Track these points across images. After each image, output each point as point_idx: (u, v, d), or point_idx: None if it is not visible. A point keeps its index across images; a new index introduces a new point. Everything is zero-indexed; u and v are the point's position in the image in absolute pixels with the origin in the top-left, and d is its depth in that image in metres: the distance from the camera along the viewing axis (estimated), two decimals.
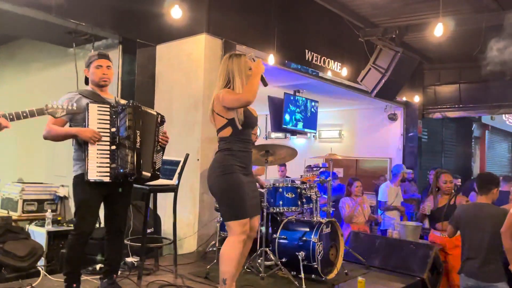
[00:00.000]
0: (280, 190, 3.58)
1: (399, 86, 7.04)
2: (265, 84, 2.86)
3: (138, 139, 2.75)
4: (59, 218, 5.22)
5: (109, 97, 2.93)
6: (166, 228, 4.55)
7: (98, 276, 3.09)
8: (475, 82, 8.35)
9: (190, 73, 4.79)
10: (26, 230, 4.52)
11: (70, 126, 2.83)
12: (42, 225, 4.78)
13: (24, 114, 2.14)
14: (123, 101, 2.91)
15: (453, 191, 4.36)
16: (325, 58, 6.36)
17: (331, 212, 3.97)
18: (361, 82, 6.73)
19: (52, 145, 5.97)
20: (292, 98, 7.53)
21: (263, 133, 10.78)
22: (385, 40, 6.54)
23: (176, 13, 4.23)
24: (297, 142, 10.28)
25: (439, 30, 4.86)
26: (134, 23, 4.86)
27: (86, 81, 2.97)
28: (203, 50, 4.68)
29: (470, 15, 6.03)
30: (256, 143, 4.43)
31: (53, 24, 4.55)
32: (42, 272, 3.22)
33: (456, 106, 8.69)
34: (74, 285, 2.75)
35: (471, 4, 5.80)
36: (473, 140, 11.53)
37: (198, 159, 4.62)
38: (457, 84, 8.55)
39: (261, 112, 10.18)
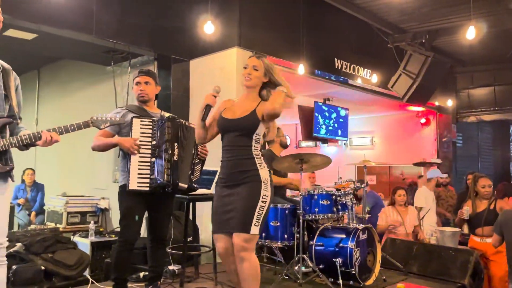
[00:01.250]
0: (316, 197, 3.62)
1: (431, 91, 6.96)
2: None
3: (176, 152, 2.87)
4: (101, 229, 5.43)
5: (155, 111, 3.08)
6: (203, 237, 4.67)
7: (143, 284, 3.23)
8: (511, 83, 8.15)
9: (222, 86, 4.87)
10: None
11: None
12: (86, 236, 4.98)
13: (72, 128, 2.27)
14: (168, 115, 3.05)
15: (492, 195, 4.28)
16: (355, 66, 6.39)
17: (366, 218, 3.97)
18: (391, 88, 6.71)
19: (92, 160, 6.30)
20: (322, 106, 7.57)
21: (293, 142, 10.83)
22: (414, 45, 6.52)
23: (209, 29, 4.40)
24: (328, 150, 10.27)
25: (471, 33, 4.82)
26: (169, 40, 5.06)
27: None
28: (235, 63, 4.82)
29: (502, 16, 5.94)
30: (286, 152, 4.53)
31: (92, 44, 4.82)
32: (91, 279, 3.39)
33: (492, 109, 8.49)
34: None
35: (502, 5, 5.72)
36: (511, 144, 11.18)
37: None
38: (492, 86, 8.37)
39: (291, 121, 10.32)
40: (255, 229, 2.38)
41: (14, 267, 3.28)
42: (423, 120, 8.66)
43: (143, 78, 3.04)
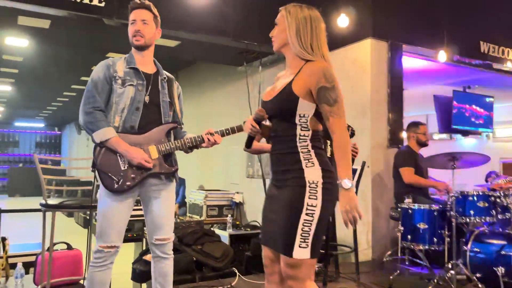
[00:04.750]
0: (471, 198, 3.28)
1: None
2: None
3: (329, 149, 2.82)
4: (237, 223, 5.71)
5: None
6: (339, 235, 4.59)
7: None
8: None
9: (355, 79, 4.76)
10: None
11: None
12: (224, 229, 5.28)
13: (227, 131, 2.38)
14: None
15: None
16: (504, 48, 5.65)
17: None
18: None
19: (227, 156, 6.65)
20: (462, 95, 6.88)
21: None
22: None
23: (343, 22, 4.27)
24: (465, 143, 9.36)
25: None
26: None
27: None
28: (369, 54, 4.61)
29: None
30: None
31: (227, 47, 5.05)
32: (238, 273, 3.56)
33: None
34: None
35: None
36: None
37: (368, 166, 4.54)
38: None
39: (421, 112, 9.61)
40: (301, 252, 1.70)
41: None
42: None
43: None
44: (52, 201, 2.47)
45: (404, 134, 5.58)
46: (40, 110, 15.31)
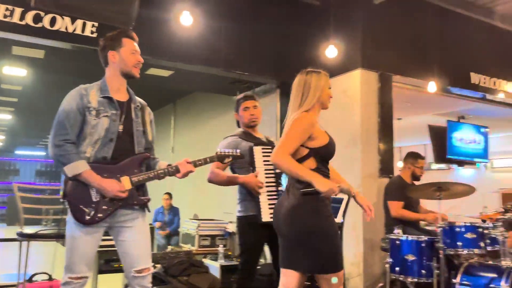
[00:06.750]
0: (458, 229, 3.23)
1: None
2: None
3: None
4: (229, 253, 5.61)
5: (260, 136, 3.04)
6: None
7: None
8: None
9: (346, 109, 4.79)
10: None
11: (233, 168, 3.00)
12: (215, 259, 5.18)
13: (199, 162, 2.35)
14: (272, 139, 3.04)
15: None
16: (496, 80, 5.70)
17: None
18: None
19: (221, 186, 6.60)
20: (456, 125, 6.90)
21: None
22: None
23: (331, 53, 4.34)
24: (464, 173, 9.30)
25: None
26: (290, 67, 5.10)
27: (238, 125, 3.11)
28: (358, 85, 4.66)
29: None
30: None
31: (220, 77, 5.12)
32: None
33: None
34: None
35: None
36: None
37: None
38: None
39: (419, 142, 9.60)
40: None
41: None
42: None
43: (252, 103, 3.00)
44: (29, 230, 2.45)
45: (400, 164, 5.56)
46: (40, 138, 15.43)
